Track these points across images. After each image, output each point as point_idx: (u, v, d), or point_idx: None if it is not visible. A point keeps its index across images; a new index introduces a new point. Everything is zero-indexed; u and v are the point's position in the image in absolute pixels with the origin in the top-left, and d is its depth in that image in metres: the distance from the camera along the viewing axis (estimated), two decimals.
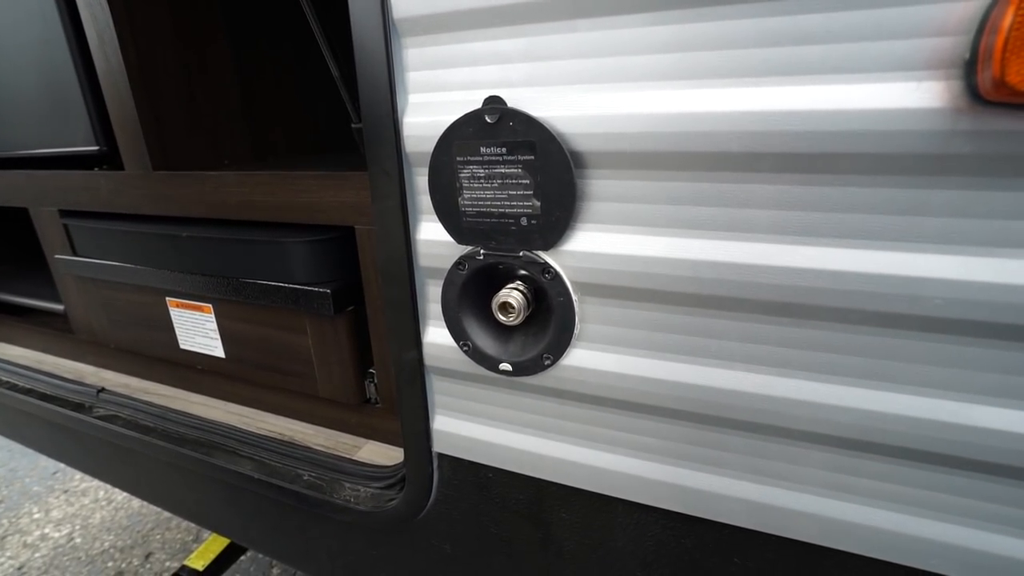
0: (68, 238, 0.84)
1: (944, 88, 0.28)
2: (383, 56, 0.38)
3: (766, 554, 0.42)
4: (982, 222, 0.29)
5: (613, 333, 0.40)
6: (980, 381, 0.32)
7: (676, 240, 0.35)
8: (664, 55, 0.32)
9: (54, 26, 0.71)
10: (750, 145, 0.32)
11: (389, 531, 0.59)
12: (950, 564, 0.36)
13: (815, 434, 0.36)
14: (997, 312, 0.30)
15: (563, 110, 0.34)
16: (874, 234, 0.31)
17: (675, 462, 0.42)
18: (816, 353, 0.34)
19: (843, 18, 0.29)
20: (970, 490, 0.34)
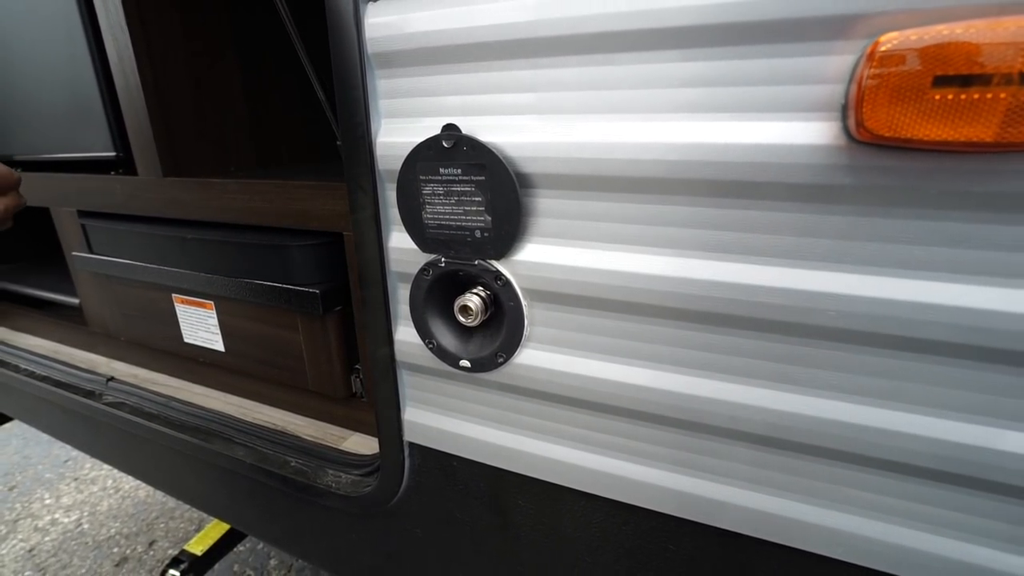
0: (85, 237, 0.90)
1: (827, 128, 0.32)
2: (359, 85, 0.43)
3: (695, 541, 0.46)
4: (864, 244, 0.33)
5: (558, 335, 0.44)
6: (872, 385, 0.36)
7: (609, 253, 0.40)
8: (594, 92, 0.37)
9: (80, 45, 0.78)
10: (668, 172, 0.36)
11: (366, 515, 0.64)
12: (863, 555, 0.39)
13: (728, 429, 0.40)
14: (879, 323, 0.34)
15: (509, 136, 0.39)
16: (775, 252, 0.36)
17: (614, 454, 0.46)
18: (721, 356, 0.38)
19: (746, 65, 0.33)
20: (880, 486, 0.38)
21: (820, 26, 0.31)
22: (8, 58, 0.90)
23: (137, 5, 0.71)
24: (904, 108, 0.28)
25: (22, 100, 0.93)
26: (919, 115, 0.28)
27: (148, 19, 0.73)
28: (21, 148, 0.99)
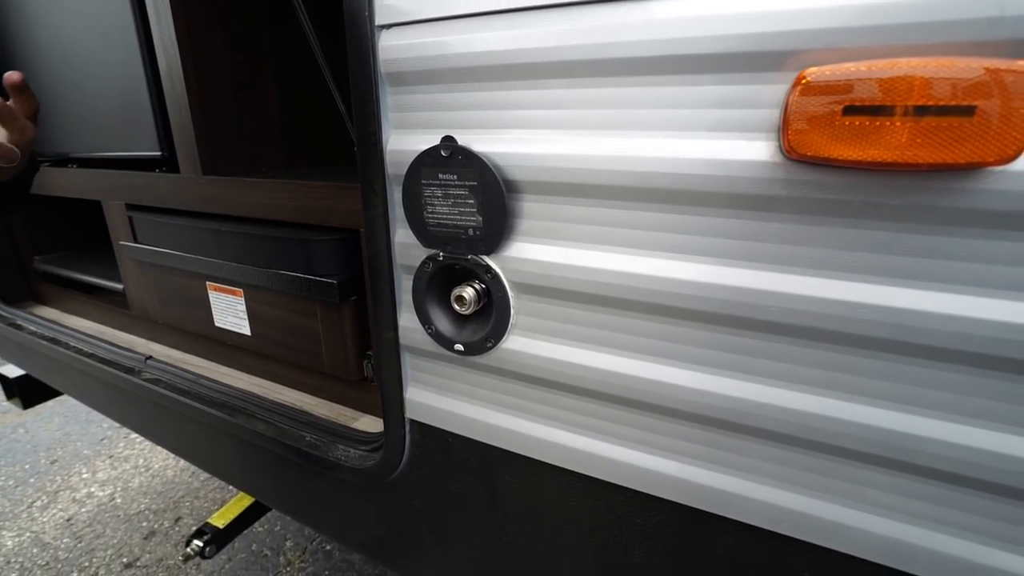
0: (131, 228, 0.99)
1: (765, 146, 0.37)
2: (372, 100, 0.50)
3: (660, 515, 0.50)
4: (799, 248, 0.38)
5: (540, 324, 0.50)
6: (809, 374, 0.40)
7: (583, 251, 0.45)
8: (571, 111, 0.42)
9: (134, 56, 0.87)
10: (633, 181, 0.41)
11: (370, 487, 0.70)
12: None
13: (684, 412, 0.45)
14: (813, 319, 0.38)
15: (498, 147, 0.45)
16: (726, 253, 0.40)
17: (589, 433, 0.51)
18: (676, 345, 0.44)
19: (702, 90, 0.38)
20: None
21: (761, 59, 0.36)
22: (69, 66, 1.00)
23: (187, 21, 0.80)
24: (821, 131, 0.33)
25: (80, 104, 1.03)
26: (833, 138, 0.33)
27: (196, 34, 0.81)
28: (77, 147, 1.09)
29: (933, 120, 0.30)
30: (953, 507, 0.39)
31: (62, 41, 1.00)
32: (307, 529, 1.75)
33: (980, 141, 0.29)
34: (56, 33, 1.00)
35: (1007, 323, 0.33)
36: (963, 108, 0.29)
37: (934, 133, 0.30)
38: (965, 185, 0.32)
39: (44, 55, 1.04)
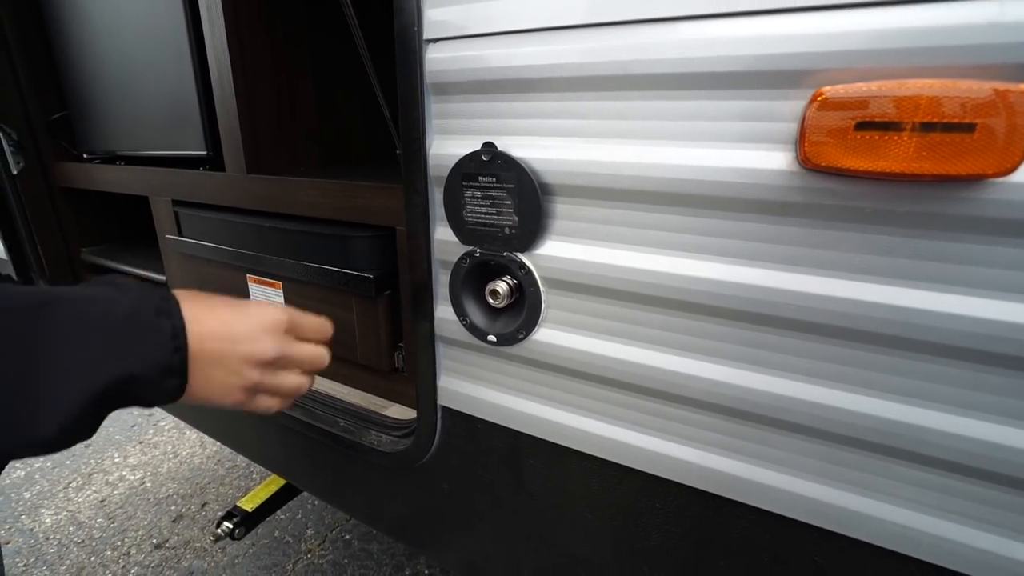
0: (177, 222, 1.05)
1: (783, 156, 0.40)
2: (418, 107, 0.54)
3: (677, 500, 0.54)
4: (814, 250, 0.41)
5: (570, 317, 0.53)
6: (820, 368, 0.43)
7: (611, 250, 0.49)
8: (605, 120, 0.46)
9: (185, 60, 0.92)
10: (661, 186, 0.45)
11: (400, 471, 0.74)
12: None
13: (703, 401, 0.48)
14: (825, 316, 0.42)
15: (535, 153, 0.49)
16: (744, 254, 0.44)
17: (613, 421, 0.54)
18: (698, 339, 0.47)
19: (727, 104, 0.42)
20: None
21: (781, 77, 0.39)
22: (122, 70, 1.07)
23: (237, 28, 0.85)
24: (835, 144, 0.36)
25: (131, 105, 1.09)
26: (846, 151, 0.36)
27: (244, 41, 0.87)
28: (125, 145, 1.16)
29: (938, 136, 0.33)
30: (956, 495, 0.41)
31: (117, 46, 1.06)
32: (327, 518, 1.81)
33: (980, 155, 0.33)
34: (112, 39, 1.06)
35: (1006, 322, 0.36)
36: (965, 125, 0.32)
37: (938, 147, 0.33)
38: (967, 195, 0.35)
39: (100, 59, 1.10)
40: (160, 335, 0.38)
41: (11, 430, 0.31)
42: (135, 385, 0.37)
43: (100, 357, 0.35)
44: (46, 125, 1.24)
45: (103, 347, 0.35)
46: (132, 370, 0.36)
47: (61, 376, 0.33)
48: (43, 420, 0.32)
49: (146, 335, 0.38)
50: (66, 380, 0.33)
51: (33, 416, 0.32)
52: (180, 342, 0.40)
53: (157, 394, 0.40)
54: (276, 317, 0.48)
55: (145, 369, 0.37)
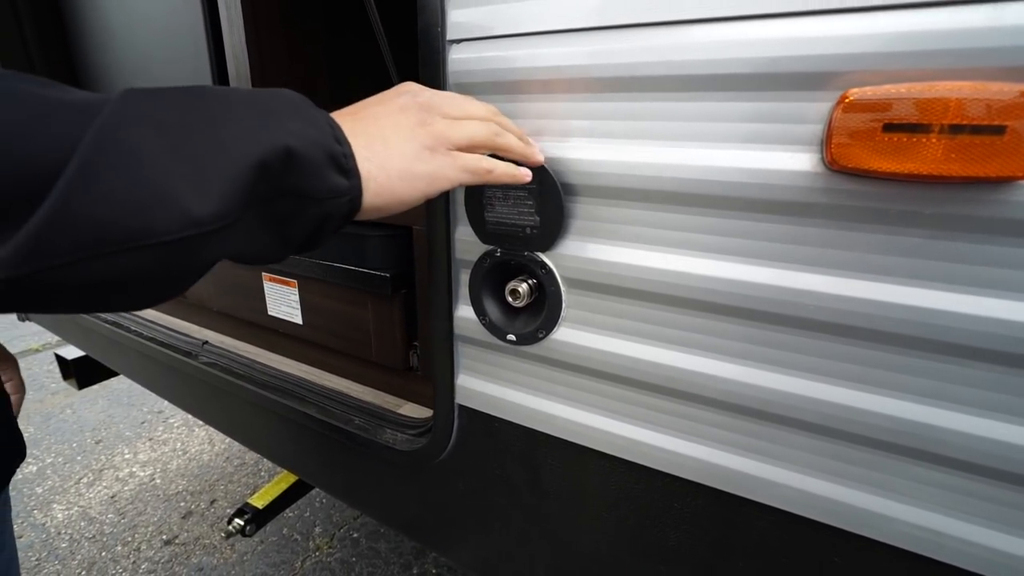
0: None
1: (808, 158, 0.41)
2: None
3: (696, 500, 0.54)
4: (837, 251, 0.42)
5: (590, 317, 0.54)
6: (842, 369, 0.44)
7: (634, 250, 0.49)
8: (627, 121, 0.46)
9: (203, 61, 0.93)
10: (683, 187, 0.45)
11: (416, 469, 0.75)
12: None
13: (723, 401, 0.48)
14: (846, 316, 0.42)
15: (557, 154, 0.49)
16: (766, 255, 0.44)
17: (632, 421, 0.55)
18: (719, 339, 0.47)
19: (752, 106, 0.42)
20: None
21: (807, 79, 0.39)
22: (141, 69, 1.08)
23: (256, 31, 0.86)
24: (862, 146, 0.36)
25: None
26: (873, 152, 0.36)
27: (263, 44, 0.87)
28: None
29: (966, 138, 0.33)
30: (976, 496, 0.42)
31: (134, 46, 1.07)
32: (335, 516, 1.81)
33: (1010, 157, 0.33)
34: (130, 40, 1.07)
35: None
36: (994, 127, 0.33)
37: (967, 149, 0.34)
38: (996, 197, 0.35)
39: (117, 59, 1.11)
40: (315, 114, 0.34)
41: (167, 204, 0.26)
42: (296, 166, 0.31)
43: (254, 130, 0.30)
44: None
45: (256, 121, 0.30)
46: (287, 142, 0.30)
47: (218, 153, 0.28)
48: (196, 193, 0.27)
49: (300, 113, 0.32)
50: (225, 155, 0.28)
51: (192, 186, 0.27)
52: (339, 133, 0.34)
53: (327, 190, 0.33)
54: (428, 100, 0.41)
55: (305, 146, 0.31)
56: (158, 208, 0.26)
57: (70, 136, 0.24)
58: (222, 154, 0.28)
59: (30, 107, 0.24)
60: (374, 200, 0.36)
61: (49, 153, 0.24)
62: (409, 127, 0.38)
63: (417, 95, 0.40)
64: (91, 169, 0.24)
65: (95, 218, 0.24)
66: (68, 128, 0.24)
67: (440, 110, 0.40)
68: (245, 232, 0.31)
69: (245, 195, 0.29)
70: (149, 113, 0.27)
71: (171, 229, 0.26)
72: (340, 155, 0.33)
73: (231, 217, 0.29)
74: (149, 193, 0.25)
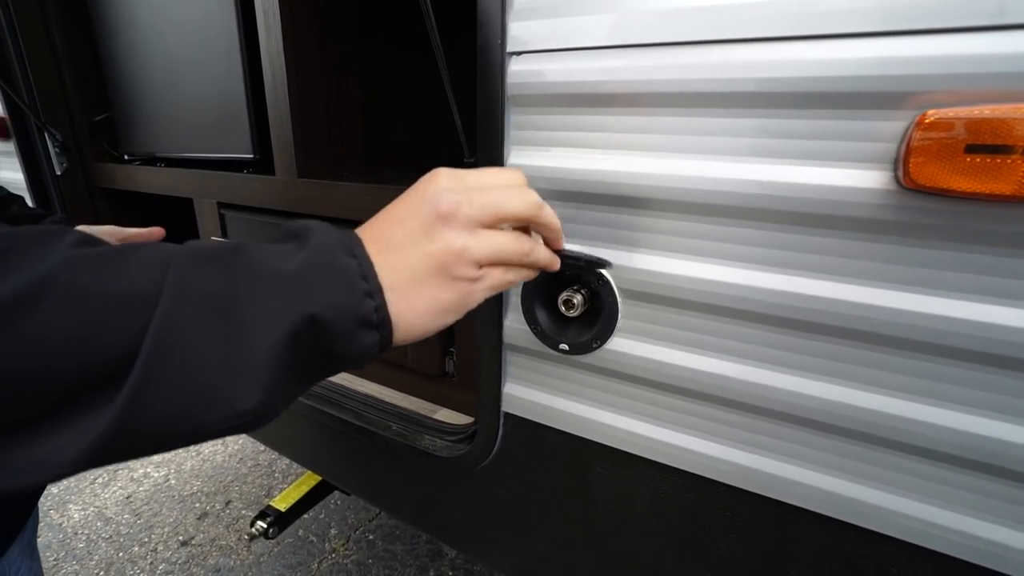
0: (222, 224, 1.06)
1: (880, 176, 0.41)
2: (499, 119, 0.55)
3: (749, 509, 0.55)
4: (906, 267, 0.42)
5: (645, 328, 0.54)
6: (908, 383, 0.44)
7: (694, 263, 0.50)
8: (689, 136, 0.47)
9: (235, 65, 0.94)
10: (744, 202, 0.46)
11: (457, 476, 0.75)
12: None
13: (782, 412, 0.49)
14: (914, 332, 0.42)
15: (614, 166, 0.50)
16: (833, 270, 0.45)
17: (684, 429, 0.55)
18: (780, 352, 0.48)
19: (823, 124, 0.43)
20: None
21: (881, 99, 0.40)
22: (170, 73, 1.08)
23: (292, 34, 0.86)
24: (942, 166, 0.37)
25: (176, 108, 1.11)
26: (954, 172, 0.37)
27: (298, 47, 0.88)
28: (167, 147, 1.18)
29: None
30: None
31: (165, 50, 1.07)
32: (351, 518, 1.82)
33: None
34: (160, 44, 1.07)
35: None
36: None
37: None
38: None
39: (147, 62, 1.12)
40: (343, 274, 0.32)
41: (218, 405, 0.27)
42: (321, 332, 0.31)
43: (283, 304, 0.30)
44: (89, 127, 1.25)
45: (286, 293, 0.30)
46: (310, 310, 0.30)
47: (254, 333, 0.28)
48: (238, 380, 0.28)
49: (332, 276, 0.31)
50: (259, 335, 0.28)
51: (233, 373, 0.28)
52: (373, 284, 0.32)
53: (356, 348, 0.32)
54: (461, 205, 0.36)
55: (327, 311, 0.30)
56: (209, 410, 0.27)
57: (131, 335, 0.25)
58: (264, 337, 0.29)
59: (94, 306, 0.25)
60: (402, 338, 0.35)
61: (112, 354, 0.25)
62: (437, 256, 0.35)
63: (439, 203, 0.35)
64: (147, 386, 0.26)
65: (154, 427, 0.26)
66: (128, 328, 0.26)
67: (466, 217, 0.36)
68: (280, 397, 0.31)
69: (282, 374, 0.30)
70: (196, 297, 0.27)
71: (220, 425, 0.28)
72: (371, 311, 0.32)
73: (270, 401, 0.30)
74: (201, 397, 0.27)
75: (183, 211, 1.31)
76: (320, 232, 0.33)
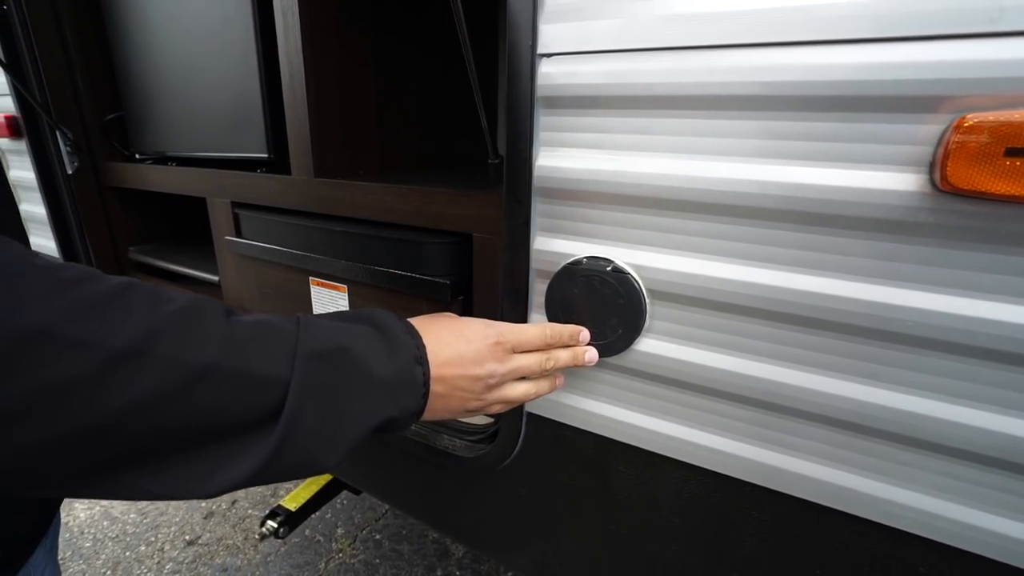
0: (236, 224, 1.06)
1: (915, 178, 0.41)
2: (528, 120, 0.55)
3: (776, 508, 0.55)
4: (940, 269, 0.42)
5: (674, 328, 0.55)
6: (939, 383, 0.45)
7: (718, 264, 0.50)
8: (720, 139, 0.47)
9: (250, 63, 0.94)
10: (776, 204, 0.46)
11: (477, 475, 0.75)
12: None
13: (811, 412, 0.49)
14: (947, 333, 0.43)
15: (644, 168, 0.50)
16: (866, 272, 0.45)
17: (710, 429, 0.56)
18: (810, 352, 0.48)
19: (858, 127, 0.43)
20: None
21: (918, 102, 0.40)
22: (184, 71, 1.08)
23: (311, 34, 0.86)
24: (980, 169, 0.37)
25: (190, 106, 1.11)
26: (992, 175, 0.37)
27: (316, 46, 0.88)
28: (179, 146, 1.17)
29: None
30: None
31: (179, 49, 1.07)
32: (357, 517, 1.82)
33: None
34: (174, 43, 1.07)
35: None
36: None
37: None
38: None
39: (160, 62, 1.11)
40: (415, 386, 0.44)
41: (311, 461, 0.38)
42: (391, 426, 0.44)
43: (375, 405, 0.41)
44: (100, 126, 1.25)
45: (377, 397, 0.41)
46: (392, 414, 0.42)
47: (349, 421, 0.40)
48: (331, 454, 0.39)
49: (408, 388, 0.43)
50: (353, 424, 0.40)
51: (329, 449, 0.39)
52: (426, 389, 0.45)
53: (400, 429, 0.46)
54: (496, 338, 0.50)
55: (401, 414, 0.43)
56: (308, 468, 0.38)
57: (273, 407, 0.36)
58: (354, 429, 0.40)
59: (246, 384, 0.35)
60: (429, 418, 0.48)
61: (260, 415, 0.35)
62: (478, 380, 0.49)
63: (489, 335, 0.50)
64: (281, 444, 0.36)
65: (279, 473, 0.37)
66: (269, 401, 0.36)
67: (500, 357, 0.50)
68: None
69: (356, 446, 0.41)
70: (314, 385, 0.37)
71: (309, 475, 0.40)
72: (420, 411, 0.46)
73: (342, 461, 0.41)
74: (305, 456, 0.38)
75: (191, 209, 1.32)
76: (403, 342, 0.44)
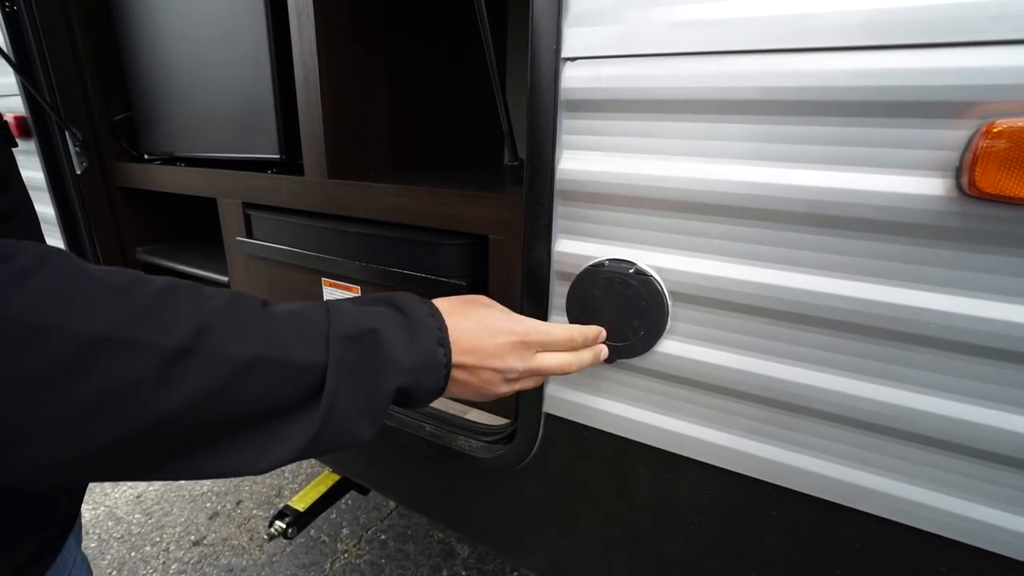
0: (247, 224, 1.06)
1: (942, 183, 0.42)
2: (551, 123, 0.55)
3: (796, 509, 0.55)
4: (966, 273, 0.43)
5: (695, 330, 0.55)
6: (962, 385, 0.45)
7: (746, 267, 0.50)
8: (745, 143, 0.48)
9: (263, 64, 0.94)
10: (800, 207, 0.47)
11: (494, 476, 0.76)
12: None
13: (831, 413, 0.50)
14: (974, 336, 0.43)
15: (669, 172, 0.51)
16: (891, 275, 0.45)
17: (729, 429, 0.56)
18: (830, 353, 0.49)
19: (877, 132, 0.43)
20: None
21: (945, 108, 0.41)
22: (194, 72, 1.08)
23: (325, 35, 0.86)
24: (1008, 174, 0.38)
25: (200, 107, 1.11)
26: (1020, 180, 0.38)
27: (331, 49, 0.88)
28: (189, 146, 1.17)
29: None
30: None
31: (189, 50, 1.07)
32: (362, 517, 1.82)
33: None
34: (184, 44, 1.07)
35: None
36: None
37: None
38: None
39: (170, 62, 1.11)
40: (437, 367, 0.45)
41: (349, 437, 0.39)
42: (408, 400, 0.45)
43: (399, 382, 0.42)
44: (109, 126, 1.25)
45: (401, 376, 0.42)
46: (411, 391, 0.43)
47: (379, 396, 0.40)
48: (368, 427, 0.40)
49: (430, 368, 0.44)
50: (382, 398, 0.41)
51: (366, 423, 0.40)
52: (448, 371, 0.46)
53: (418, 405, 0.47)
54: (521, 337, 0.50)
55: (420, 391, 0.44)
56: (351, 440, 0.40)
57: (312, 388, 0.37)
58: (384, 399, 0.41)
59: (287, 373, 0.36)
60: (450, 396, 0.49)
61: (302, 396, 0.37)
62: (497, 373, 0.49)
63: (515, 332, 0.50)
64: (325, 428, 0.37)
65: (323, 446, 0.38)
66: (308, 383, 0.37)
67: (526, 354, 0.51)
68: None
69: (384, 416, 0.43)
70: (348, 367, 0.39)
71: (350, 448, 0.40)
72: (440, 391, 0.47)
73: None
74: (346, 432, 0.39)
75: (199, 210, 1.31)
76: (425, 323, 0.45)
